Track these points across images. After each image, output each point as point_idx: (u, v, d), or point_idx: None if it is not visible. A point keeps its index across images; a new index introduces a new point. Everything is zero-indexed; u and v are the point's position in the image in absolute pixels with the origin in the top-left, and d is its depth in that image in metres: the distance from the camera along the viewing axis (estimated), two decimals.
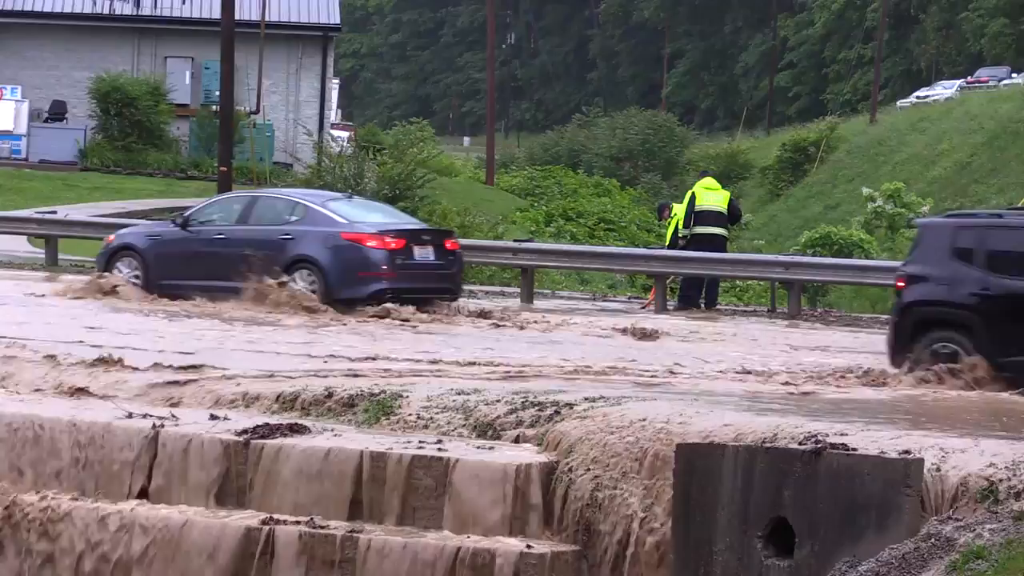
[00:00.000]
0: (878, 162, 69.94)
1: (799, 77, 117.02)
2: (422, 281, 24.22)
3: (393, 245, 23.74)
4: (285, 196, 26.17)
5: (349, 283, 23.48)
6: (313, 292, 23.48)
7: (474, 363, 17.43)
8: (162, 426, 13.55)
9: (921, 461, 10.51)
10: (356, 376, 15.58)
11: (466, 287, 30.75)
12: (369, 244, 23.72)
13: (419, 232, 24.96)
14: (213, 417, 13.96)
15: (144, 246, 25.36)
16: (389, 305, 23.45)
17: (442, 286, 24.70)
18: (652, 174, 78.17)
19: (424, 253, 24.31)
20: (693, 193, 28.07)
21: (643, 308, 28.24)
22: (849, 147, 75.25)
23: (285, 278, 23.57)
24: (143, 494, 13.37)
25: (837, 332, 24.69)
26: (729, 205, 28.37)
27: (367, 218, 24.50)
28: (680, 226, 27.93)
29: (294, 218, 24.39)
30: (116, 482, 13.52)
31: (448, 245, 24.86)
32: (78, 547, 13.18)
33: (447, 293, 24.83)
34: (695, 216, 27.73)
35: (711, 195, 28.07)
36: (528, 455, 12.63)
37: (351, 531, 12.27)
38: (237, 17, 37.09)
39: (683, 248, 27.73)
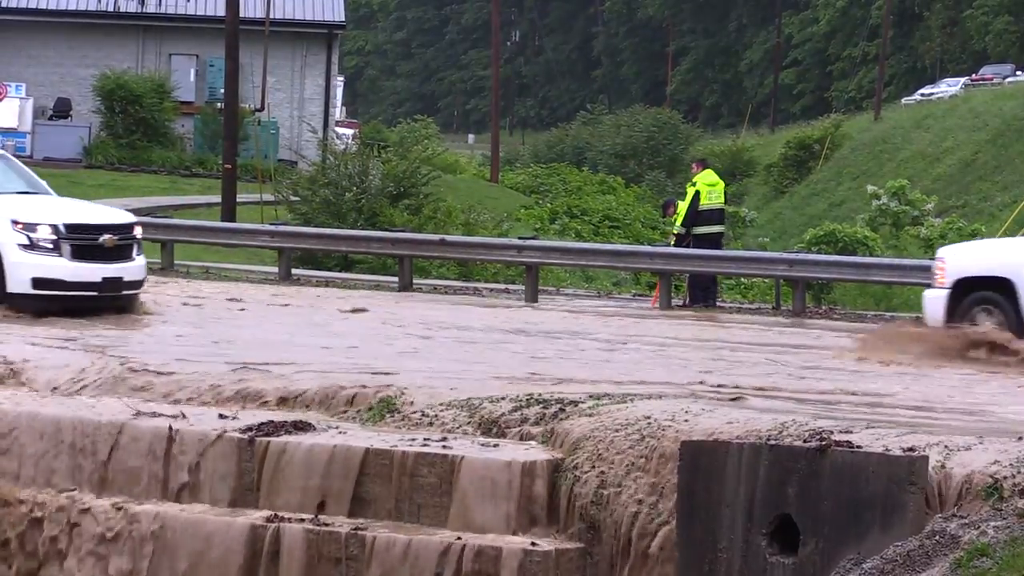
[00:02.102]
0: (882, 159, 69.95)
1: (803, 74, 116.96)
2: None
3: None
4: None
5: None
6: None
7: None
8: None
9: (926, 459, 10.51)
10: None
11: (470, 285, 30.76)
12: None
13: None
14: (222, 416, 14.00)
15: None
16: None
17: None
18: (657, 171, 78.26)
19: None
20: (697, 192, 27.86)
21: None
22: (853, 144, 75.24)
23: None
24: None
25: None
26: (724, 198, 28.50)
27: None
28: (679, 223, 27.78)
29: None
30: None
31: None
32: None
33: None
34: (699, 215, 27.63)
35: (714, 192, 27.94)
36: (533, 453, 12.62)
37: (356, 528, 12.27)
38: (242, 14, 37.09)
39: (683, 246, 27.62)
